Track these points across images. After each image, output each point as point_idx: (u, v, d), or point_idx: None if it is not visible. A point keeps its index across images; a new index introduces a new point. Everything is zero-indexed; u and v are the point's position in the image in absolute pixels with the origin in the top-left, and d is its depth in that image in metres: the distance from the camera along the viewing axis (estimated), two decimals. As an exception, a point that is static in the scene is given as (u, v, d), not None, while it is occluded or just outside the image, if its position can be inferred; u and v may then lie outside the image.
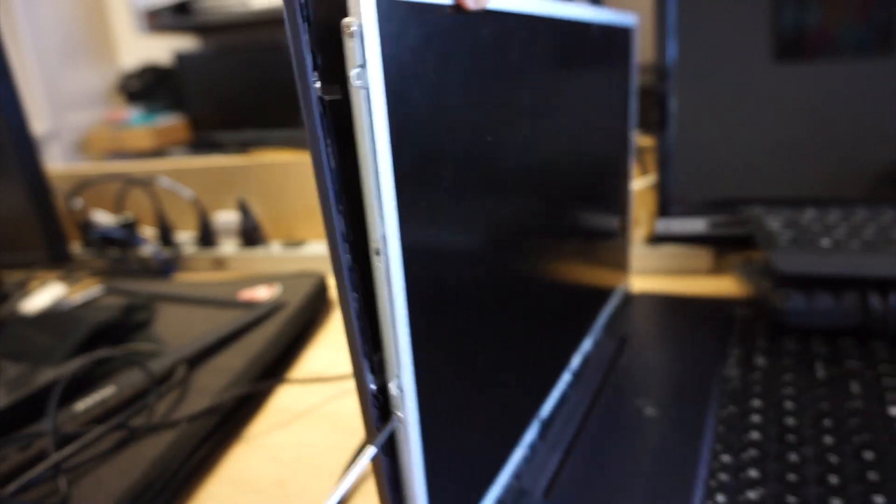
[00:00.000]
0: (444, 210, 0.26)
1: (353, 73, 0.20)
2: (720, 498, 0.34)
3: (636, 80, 0.55)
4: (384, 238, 0.22)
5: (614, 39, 0.49)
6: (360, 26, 0.20)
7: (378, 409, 0.24)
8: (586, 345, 0.47)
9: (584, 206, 0.45)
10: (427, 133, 0.24)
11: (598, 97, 0.47)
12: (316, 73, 0.20)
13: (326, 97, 0.21)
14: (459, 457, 0.29)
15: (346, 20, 0.20)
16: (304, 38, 0.20)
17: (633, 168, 0.58)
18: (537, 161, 0.36)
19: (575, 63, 0.41)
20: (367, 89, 0.21)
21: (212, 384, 0.49)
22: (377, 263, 0.22)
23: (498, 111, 0.31)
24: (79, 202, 0.88)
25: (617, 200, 0.54)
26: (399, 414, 0.24)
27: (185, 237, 0.89)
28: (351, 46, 0.20)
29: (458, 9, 0.26)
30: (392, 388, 0.24)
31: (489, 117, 0.30)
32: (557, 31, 0.38)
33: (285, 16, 0.20)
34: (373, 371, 0.23)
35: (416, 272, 0.24)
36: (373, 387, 0.23)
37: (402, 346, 0.23)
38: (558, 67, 0.38)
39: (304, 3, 0.20)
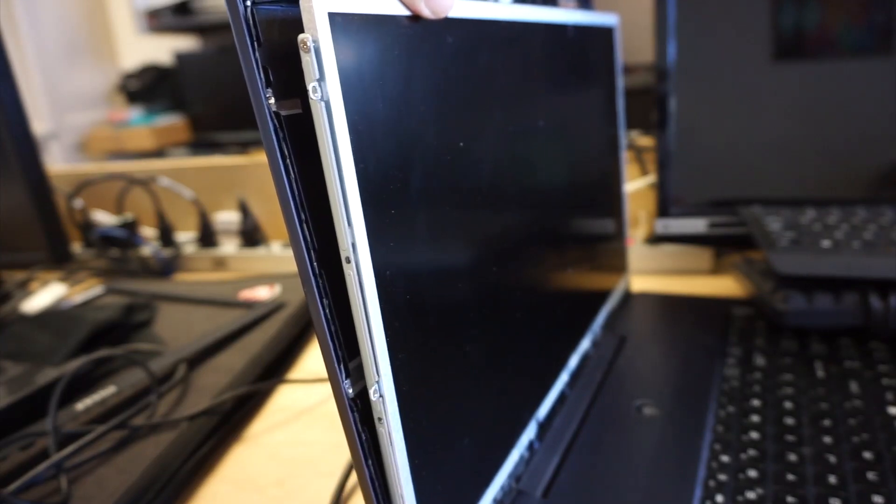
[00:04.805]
0: (416, 216, 0.26)
1: (311, 87, 0.21)
2: (719, 498, 0.34)
3: (622, 81, 0.56)
4: (353, 246, 0.22)
5: (594, 40, 0.49)
6: (316, 41, 0.21)
7: (359, 414, 0.24)
8: (584, 345, 0.47)
9: (573, 207, 0.45)
10: (392, 142, 0.25)
11: (581, 99, 0.47)
12: (269, 90, 0.21)
13: (283, 112, 0.21)
14: (450, 460, 0.29)
15: (301, 36, 0.21)
16: (254, 57, 0.20)
17: (625, 168, 0.58)
18: (519, 165, 0.36)
19: (553, 66, 0.41)
20: (326, 102, 0.21)
21: (212, 384, 0.49)
22: (348, 271, 0.22)
23: (470, 118, 0.31)
24: (79, 202, 0.88)
25: (610, 201, 0.54)
26: (380, 419, 0.24)
27: (186, 237, 0.89)
28: (307, 61, 0.21)
29: (417, 19, 0.26)
30: (371, 393, 0.24)
31: (460, 124, 0.30)
32: (531, 35, 0.38)
33: (234, 36, 0.20)
34: (349, 377, 0.24)
35: (390, 278, 0.24)
36: (350, 392, 0.24)
37: (378, 351, 0.23)
38: (536, 71, 0.39)
39: (251, 23, 0.20)
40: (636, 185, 0.72)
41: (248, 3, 0.20)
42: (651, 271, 0.68)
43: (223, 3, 0.20)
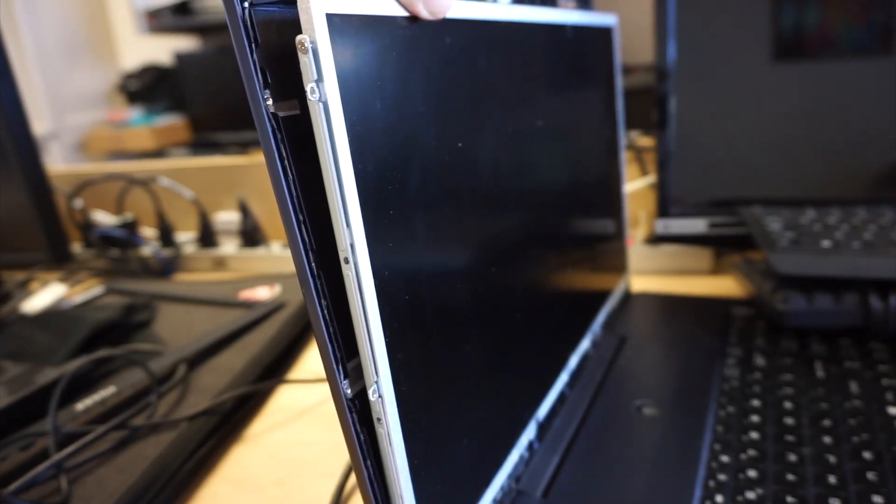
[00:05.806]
0: (415, 216, 0.26)
1: (308, 88, 0.21)
2: (719, 498, 0.34)
3: (621, 81, 0.56)
4: (352, 246, 0.22)
5: (593, 41, 0.49)
6: (314, 42, 0.21)
7: (357, 415, 0.24)
8: (584, 345, 0.47)
9: (573, 208, 0.45)
10: (391, 142, 0.25)
11: (580, 99, 0.47)
12: (267, 91, 0.21)
13: (281, 113, 0.21)
14: (450, 461, 0.29)
15: (299, 37, 0.21)
16: (252, 58, 0.20)
17: (625, 168, 0.58)
18: (518, 166, 0.36)
19: (552, 66, 0.41)
20: (324, 103, 0.21)
21: (212, 384, 0.49)
22: (346, 272, 0.22)
23: (468, 118, 0.31)
24: (79, 202, 0.88)
25: (609, 201, 0.54)
26: (379, 420, 0.24)
27: (186, 237, 0.89)
28: (305, 62, 0.21)
29: (415, 20, 0.26)
30: (370, 394, 0.24)
31: (458, 125, 0.30)
32: (529, 36, 0.38)
33: (232, 38, 0.20)
34: (347, 377, 0.24)
35: (388, 279, 0.24)
36: (349, 392, 0.24)
37: (377, 351, 0.23)
38: (534, 71, 0.38)
39: (249, 24, 0.20)
40: (636, 185, 0.72)
41: (246, 4, 0.20)
42: (651, 271, 0.68)
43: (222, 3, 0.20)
